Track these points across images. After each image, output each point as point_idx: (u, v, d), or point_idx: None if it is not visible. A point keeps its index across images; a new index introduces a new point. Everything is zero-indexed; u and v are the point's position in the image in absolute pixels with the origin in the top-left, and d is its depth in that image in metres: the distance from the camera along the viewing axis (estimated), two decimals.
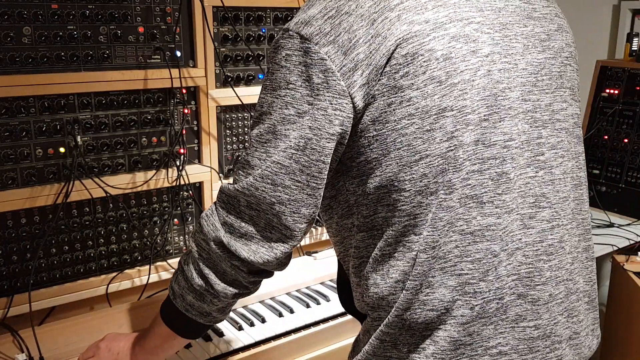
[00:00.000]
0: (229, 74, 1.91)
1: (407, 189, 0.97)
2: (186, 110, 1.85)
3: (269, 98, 1.00)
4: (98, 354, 1.34)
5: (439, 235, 0.96)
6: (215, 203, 1.08)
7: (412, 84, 0.94)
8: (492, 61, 0.98)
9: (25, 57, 1.56)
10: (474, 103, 0.96)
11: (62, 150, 1.66)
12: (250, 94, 1.96)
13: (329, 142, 0.97)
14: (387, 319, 1.01)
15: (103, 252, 1.78)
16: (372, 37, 0.94)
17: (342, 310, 1.73)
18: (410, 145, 0.95)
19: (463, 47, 0.96)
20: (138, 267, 1.83)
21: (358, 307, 1.12)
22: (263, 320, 1.69)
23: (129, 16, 1.69)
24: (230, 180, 1.53)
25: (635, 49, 2.69)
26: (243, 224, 1.02)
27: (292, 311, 1.74)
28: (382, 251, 1.01)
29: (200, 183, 1.91)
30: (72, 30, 1.62)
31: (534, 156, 1.01)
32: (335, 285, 1.90)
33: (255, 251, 1.02)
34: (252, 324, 1.66)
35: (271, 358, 1.58)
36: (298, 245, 1.03)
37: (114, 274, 1.79)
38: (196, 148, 1.90)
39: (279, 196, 0.99)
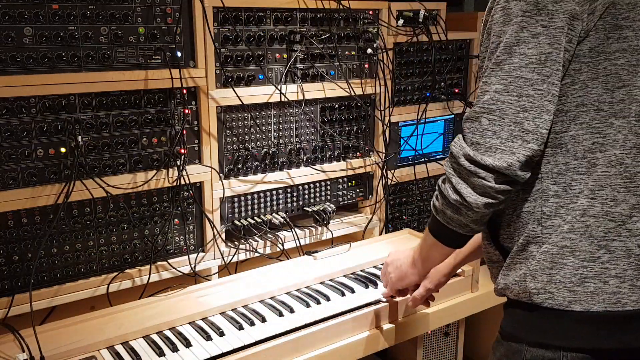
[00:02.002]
0: (229, 75, 1.92)
1: (605, 110, 1.16)
2: (187, 111, 1.85)
3: (505, 28, 1.18)
4: (388, 270, 1.66)
5: (626, 155, 1.16)
6: (461, 133, 1.24)
7: (630, 25, 1.16)
8: None
9: (26, 58, 1.57)
10: None
11: (63, 150, 1.66)
12: (250, 94, 1.96)
13: (564, 54, 1.16)
14: (568, 225, 1.18)
15: (104, 252, 1.79)
16: None
17: (342, 310, 1.74)
18: (618, 74, 1.16)
19: None
20: (139, 267, 1.84)
21: (511, 231, 1.27)
22: (263, 320, 1.69)
23: (129, 16, 1.70)
24: None
25: None
26: (487, 139, 1.17)
27: (292, 311, 1.74)
28: (567, 165, 1.19)
29: (201, 183, 1.92)
30: (72, 31, 1.62)
31: None
32: (334, 285, 1.91)
33: (499, 158, 1.16)
34: (252, 324, 1.67)
35: (271, 357, 1.58)
36: (539, 151, 1.17)
37: (115, 273, 1.80)
38: (196, 148, 1.90)
39: (524, 105, 1.15)
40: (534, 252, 1.22)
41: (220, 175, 1.96)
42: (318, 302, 1.80)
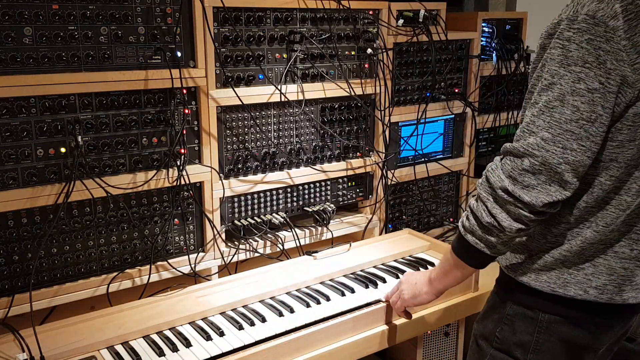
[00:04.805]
0: (229, 75, 1.92)
1: (632, 165, 1.25)
2: (186, 111, 1.85)
3: (562, 71, 1.21)
4: (401, 288, 1.67)
5: (633, 200, 1.28)
6: (500, 159, 1.31)
7: None
8: None
9: (26, 58, 1.57)
10: None
11: (63, 150, 1.66)
12: (250, 94, 1.96)
13: (609, 118, 1.20)
14: (567, 246, 1.32)
15: (104, 252, 1.79)
16: None
17: (342, 310, 1.74)
18: None
19: None
20: (139, 267, 1.84)
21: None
22: (263, 320, 1.69)
23: (129, 16, 1.70)
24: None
25: None
26: (526, 179, 1.24)
27: (292, 311, 1.74)
28: (586, 203, 1.29)
29: (201, 183, 1.92)
30: (72, 31, 1.62)
31: None
32: (334, 285, 1.91)
33: (535, 197, 1.23)
34: (252, 324, 1.67)
35: (271, 357, 1.58)
36: (571, 193, 1.25)
37: (115, 273, 1.80)
38: (196, 148, 1.90)
39: (567, 158, 1.21)
40: (533, 251, 1.37)
41: (220, 175, 1.96)
42: (318, 302, 1.80)
